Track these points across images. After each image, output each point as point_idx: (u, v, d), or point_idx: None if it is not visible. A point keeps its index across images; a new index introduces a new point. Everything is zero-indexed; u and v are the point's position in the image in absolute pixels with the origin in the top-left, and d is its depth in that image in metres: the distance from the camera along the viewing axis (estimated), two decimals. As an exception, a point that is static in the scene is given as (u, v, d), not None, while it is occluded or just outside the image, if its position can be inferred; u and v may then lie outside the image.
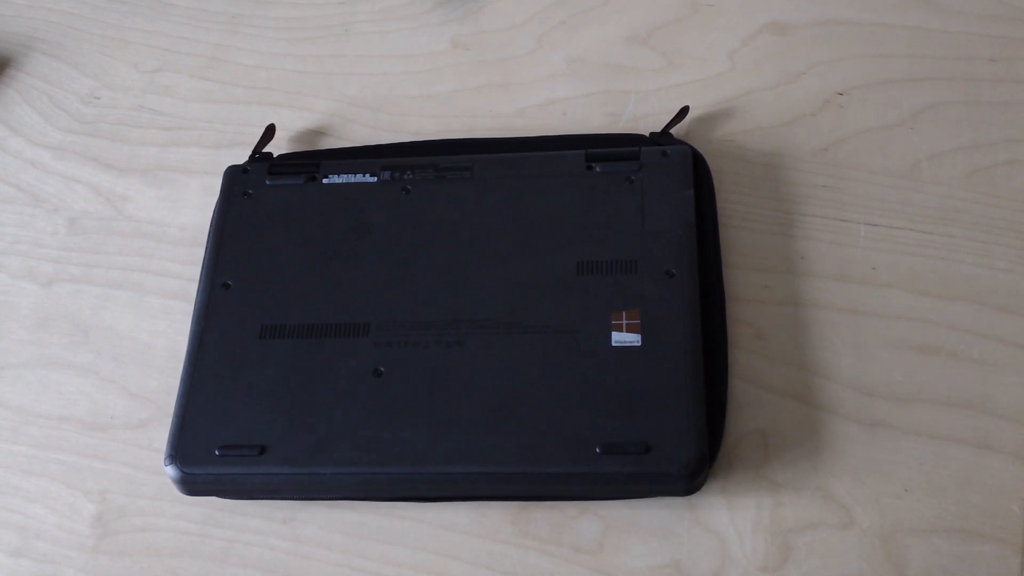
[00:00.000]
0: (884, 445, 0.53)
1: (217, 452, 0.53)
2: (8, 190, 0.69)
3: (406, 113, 0.68)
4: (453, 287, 0.57)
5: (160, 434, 0.58)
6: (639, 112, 0.66)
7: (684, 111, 0.64)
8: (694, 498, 0.53)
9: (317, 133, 0.69)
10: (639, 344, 0.53)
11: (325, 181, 0.62)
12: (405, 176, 0.61)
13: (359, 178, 0.62)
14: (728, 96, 0.65)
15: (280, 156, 0.67)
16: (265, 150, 0.67)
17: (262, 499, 0.56)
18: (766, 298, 0.58)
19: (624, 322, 0.54)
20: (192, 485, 0.54)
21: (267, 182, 0.62)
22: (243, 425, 0.54)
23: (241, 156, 0.67)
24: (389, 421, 0.53)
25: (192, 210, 0.66)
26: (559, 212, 0.58)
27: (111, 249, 0.66)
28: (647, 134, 0.64)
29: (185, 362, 0.57)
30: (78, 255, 0.66)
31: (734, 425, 0.54)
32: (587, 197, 0.59)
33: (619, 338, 0.54)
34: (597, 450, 0.51)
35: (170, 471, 0.54)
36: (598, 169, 0.60)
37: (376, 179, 0.62)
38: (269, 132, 0.67)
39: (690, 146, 0.61)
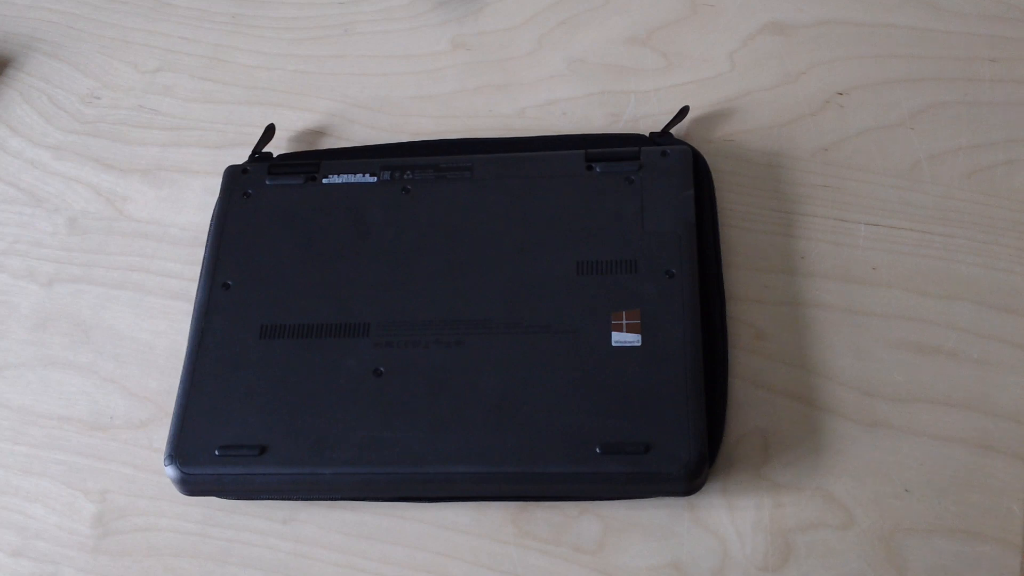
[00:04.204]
0: (884, 445, 0.53)
1: (217, 452, 0.53)
2: (8, 190, 0.70)
3: (406, 113, 0.68)
4: (453, 287, 0.57)
5: (160, 434, 0.58)
6: (639, 112, 0.66)
7: (684, 111, 0.64)
8: (694, 498, 0.53)
9: (317, 133, 0.69)
10: (639, 344, 0.53)
11: (325, 181, 0.62)
12: (405, 176, 0.61)
13: (359, 178, 0.62)
14: (728, 96, 0.65)
15: (280, 156, 0.67)
16: (265, 150, 0.67)
17: (262, 499, 0.56)
18: (766, 298, 0.58)
19: (624, 322, 0.54)
20: (192, 485, 0.54)
21: (267, 182, 0.62)
22: (243, 425, 0.54)
23: (241, 156, 0.67)
24: (389, 421, 0.53)
25: (192, 210, 0.66)
26: (559, 212, 0.58)
27: (111, 249, 0.66)
28: (647, 134, 0.64)
29: (185, 362, 0.57)
30: (78, 255, 0.66)
31: (734, 425, 0.54)
32: (587, 197, 0.59)
33: (619, 338, 0.54)
34: (597, 450, 0.51)
35: (170, 471, 0.54)
36: (598, 169, 0.60)
37: (376, 179, 0.62)
38: (269, 132, 0.67)
39: (690, 146, 0.61)
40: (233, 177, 0.63)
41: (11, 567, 0.56)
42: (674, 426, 0.51)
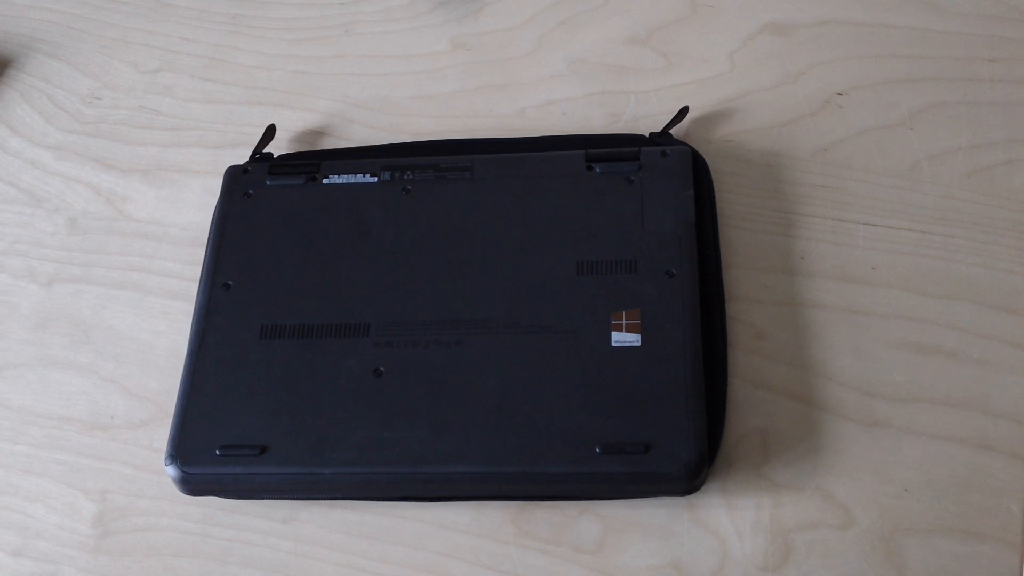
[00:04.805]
0: (884, 445, 0.53)
1: (218, 452, 0.53)
2: (9, 190, 0.70)
3: (406, 113, 0.68)
4: (453, 287, 0.57)
5: (161, 434, 0.58)
6: (639, 112, 0.66)
7: (684, 111, 0.64)
8: (694, 498, 0.53)
9: (317, 133, 0.69)
10: (639, 344, 0.53)
11: (325, 181, 0.62)
12: (405, 176, 0.61)
13: (359, 178, 0.62)
14: (728, 96, 0.65)
15: (280, 156, 0.67)
16: (265, 150, 0.67)
17: (262, 499, 0.56)
18: (766, 298, 0.58)
19: (624, 322, 0.54)
20: (193, 485, 0.54)
21: (267, 182, 0.62)
22: (243, 425, 0.54)
23: (242, 156, 0.67)
24: (389, 421, 0.53)
25: (193, 210, 0.66)
26: (559, 212, 0.58)
27: (112, 249, 0.66)
28: (647, 134, 0.64)
29: (186, 362, 0.57)
30: (79, 255, 0.66)
31: (734, 425, 0.54)
32: (587, 197, 0.59)
33: (619, 338, 0.54)
34: (597, 450, 0.51)
35: (171, 471, 0.54)
36: (598, 169, 0.60)
37: (376, 179, 0.62)
38: (269, 132, 0.67)
39: (690, 146, 0.61)
40: (234, 177, 0.63)
41: (11, 567, 0.56)
42: (674, 426, 0.51)
